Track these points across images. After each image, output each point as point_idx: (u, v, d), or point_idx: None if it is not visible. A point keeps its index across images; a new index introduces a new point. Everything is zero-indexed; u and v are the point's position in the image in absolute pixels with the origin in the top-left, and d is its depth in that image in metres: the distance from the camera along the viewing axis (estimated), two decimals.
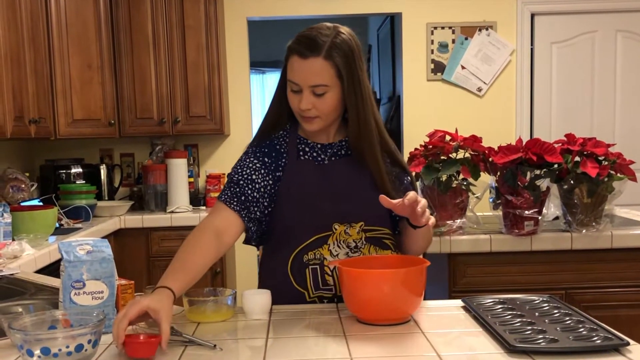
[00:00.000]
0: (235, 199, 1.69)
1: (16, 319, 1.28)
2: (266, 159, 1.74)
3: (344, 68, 1.62)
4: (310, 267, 1.69)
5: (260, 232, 1.76)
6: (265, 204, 1.72)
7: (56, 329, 1.29)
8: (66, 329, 1.27)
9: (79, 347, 1.20)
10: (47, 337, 1.20)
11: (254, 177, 1.71)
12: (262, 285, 1.76)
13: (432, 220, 1.62)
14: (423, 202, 1.55)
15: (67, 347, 1.19)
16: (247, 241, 1.80)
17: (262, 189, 1.71)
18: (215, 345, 1.33)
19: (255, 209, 1.70)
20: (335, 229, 1.69)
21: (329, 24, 1.67)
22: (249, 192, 1.70)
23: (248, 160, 1.74)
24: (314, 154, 1.75)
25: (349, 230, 1.70)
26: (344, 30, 1.66)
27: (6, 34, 2.94)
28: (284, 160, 1.74)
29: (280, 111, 1.76)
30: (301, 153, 1.75)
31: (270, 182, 1.72)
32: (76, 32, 3.76)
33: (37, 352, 1.18)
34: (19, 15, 3.12)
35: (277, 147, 1.76)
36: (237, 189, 1.70)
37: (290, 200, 1.70)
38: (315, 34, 1.62)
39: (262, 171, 1.72)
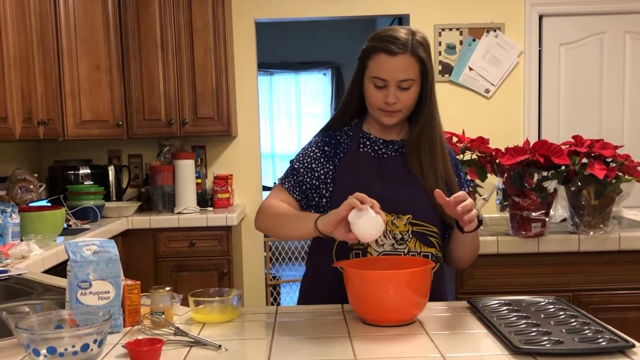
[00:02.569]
0: (298, 189, 1.82)
1: (23, 318, 1.28)
2: (326, 148, 1.82)
3: (428, 62, 1.71)
4: (353, 251, 1.74)
5: None
6: (323, 190, 1.80)
7: (62, 328, 1.30)
8: (72, 329, 1.28)
9: (85, 347, 1.20)
10: (53, 337, 1.21)
11: (313, 165, 1.81)
12: (307, 264, 1.88)
13: (475, 220, 1.60)
14: (468, 201, 1.57)
15: (73, 346, 1.19)
16: None
17: (321, 177, 1.80)
18: (220, 346, 1.34)
19: (314, 194, 1.81)
20: None
21: (400, 26, 1.75)
22: (308, 179, 1.81)
23: (310, 149, 1.85)
24: (375, 148, 1.82)
25: (396, 222, 1.74)
26: (417, 30, 1.75)
27: (15, 36, 2.96)
28: (344, 149, 1.81)
29: (351, 108, 1.85)
30: (361, 146, 1.82)
31: (331, 167, 1.80)
32: (85, 34, 3.78)
33: (44, 351, 1.19)
34: (28, 18, 3.14)
35: (338, 137, 1.84)
36: (299, 178, 1.82)
37: (342, 185, 1.76)
38: (397, 34, 1.71)
39: (322, 160, 1.81)
